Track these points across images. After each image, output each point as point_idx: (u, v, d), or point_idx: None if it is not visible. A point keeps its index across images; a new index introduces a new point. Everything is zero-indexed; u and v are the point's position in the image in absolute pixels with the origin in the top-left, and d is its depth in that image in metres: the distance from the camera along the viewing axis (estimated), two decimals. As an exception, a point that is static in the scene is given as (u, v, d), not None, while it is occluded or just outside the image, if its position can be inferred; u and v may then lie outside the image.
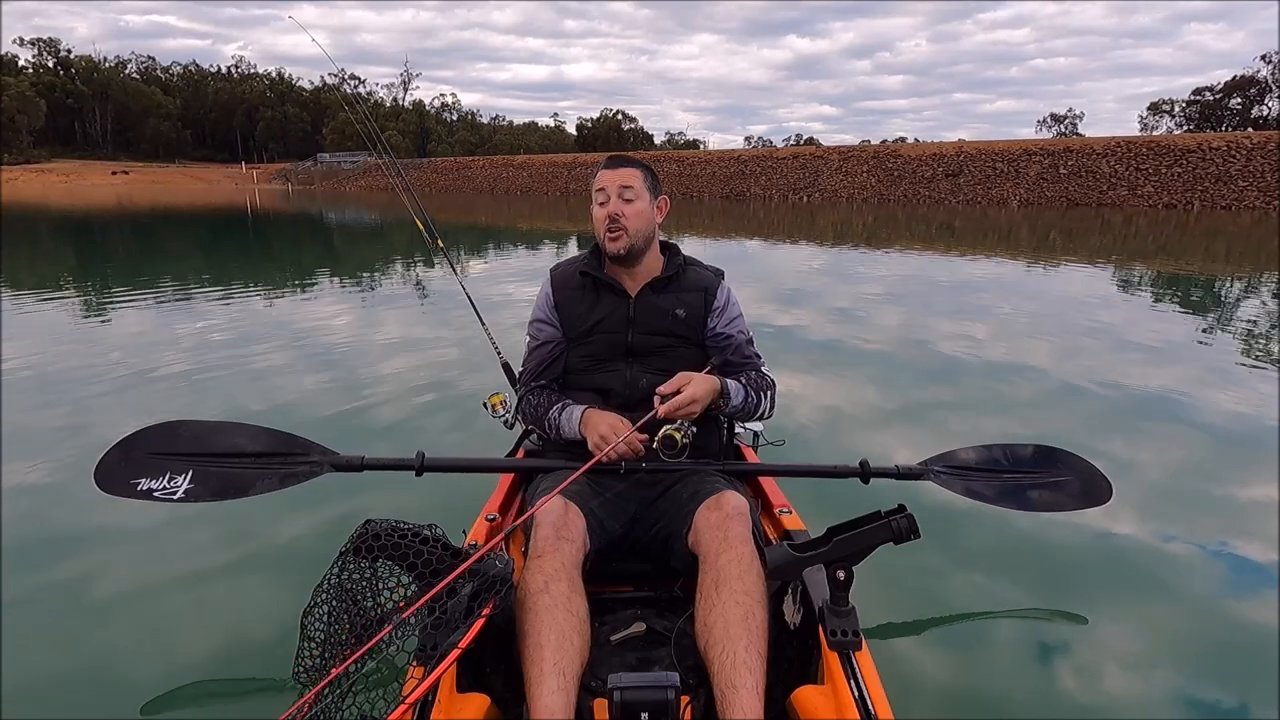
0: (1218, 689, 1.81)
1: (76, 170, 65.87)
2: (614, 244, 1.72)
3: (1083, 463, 1.93)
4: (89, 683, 1.78)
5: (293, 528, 2.46)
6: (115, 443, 1.62)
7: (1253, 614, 2.13)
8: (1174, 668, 1.90)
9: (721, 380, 1.69)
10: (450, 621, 1.23)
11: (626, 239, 1.72)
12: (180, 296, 7.52)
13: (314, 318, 6.42)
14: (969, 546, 2.42)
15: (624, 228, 1.71)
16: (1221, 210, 24.99)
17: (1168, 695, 1.80)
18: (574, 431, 1.70)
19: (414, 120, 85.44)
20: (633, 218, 1.71)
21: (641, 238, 1.74)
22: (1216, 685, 1.82)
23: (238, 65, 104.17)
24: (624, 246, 1.72)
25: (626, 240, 1.72)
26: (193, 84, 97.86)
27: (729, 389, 1.70)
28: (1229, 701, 1.78)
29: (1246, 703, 1.77)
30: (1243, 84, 60.45)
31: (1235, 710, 1.76)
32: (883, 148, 38.85)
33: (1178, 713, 1.74)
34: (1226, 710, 1.76)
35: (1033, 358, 5.10)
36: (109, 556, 2.35)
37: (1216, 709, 1.76)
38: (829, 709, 1.21)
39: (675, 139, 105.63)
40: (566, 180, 43.03)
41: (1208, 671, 1.87)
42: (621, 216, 1.70)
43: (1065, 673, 1.86)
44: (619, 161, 1.77)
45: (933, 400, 4.15)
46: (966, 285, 8.96)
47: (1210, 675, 1.86)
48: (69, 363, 4.72)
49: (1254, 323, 6.62)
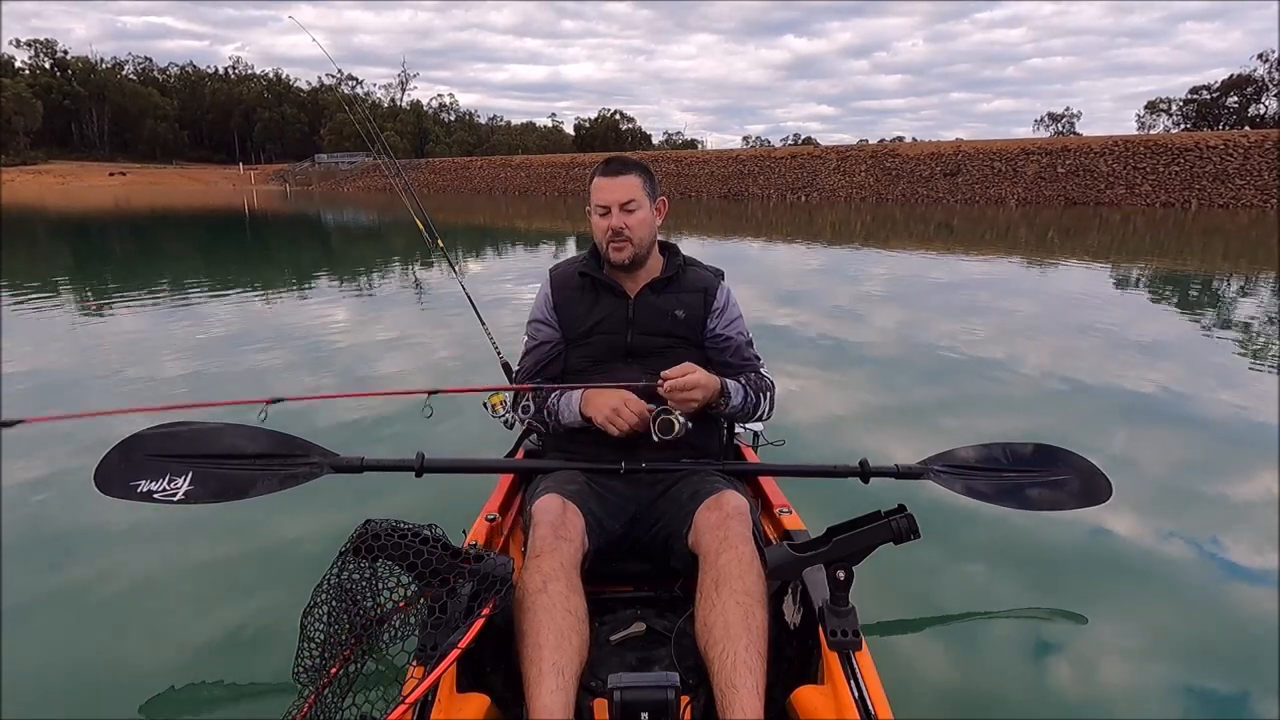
0: (1218, 685, 1.82)
1: (73, 172, 65.74)
2: (618, 254, 1.72)
3: (1083, 461, 1.92)
4: (88, 682, 1.78)
5: (293, 528, 2.47)
6: (115, 444, 1.62)
7: (1253, 609, 2.14)
8: (1174, 666, 1.90)
9: (722, 380, 1.69)
10: (450, 621, 1.24)
11: (631, 249, 1.72)
12: (178, 298, 7.52)
13: (313, 318, 6.42)
14: (969, 546, 2.42)
15: (628, 239, 1.70)
16: (1219, 209, 25.03)
17: (1167, 693, 1.80)
18: (574, 415, 1.69)
19: (411, 121, 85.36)
20: (636, 228, 1.71)
21: (646, 245, 1.75)
22: (1217, 681, 1.83)
23: (235, 66, 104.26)
24: (629, 257, 1.73)
25: (631, 250, 1.72)
26: (190, 85, 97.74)
27: (729, 389, 1.70)
28: (1229, 699, 1.78)
29: (1246, 696, 1.78)
30: (1240, 83, 60.57)
31: (1235, 705, 1.76)
32: (881, 147, 38.90)
33: (1178, 711, 1.74)
34: (1226, 706, 1.76)
35: (1032, 357, 5.11)
36: (109, 557, 2.34)
37: (1215, 706, 1.76)
38: (829, 709, 1.21)
39: (673, 139, 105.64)
40: (565, 181, 43.03)
41: (1207, 669, 1.87)
42: (625, 229, 1.69)
43: (1065, 672, 1.86)
44: (617, 169, 1.74)
45: (932, 399, 4.16)
46: (965, 284, 8.97)
47: (1210, 672, 1.86)
48: (66, 363, 4.72)
49: (1251, 321, 6.63)
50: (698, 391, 1.60)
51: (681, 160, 42.44)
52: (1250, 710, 1.75)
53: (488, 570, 1.28)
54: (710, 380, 1.64)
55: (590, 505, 1.58)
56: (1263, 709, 1.74)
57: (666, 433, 1.61)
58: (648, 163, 1.85)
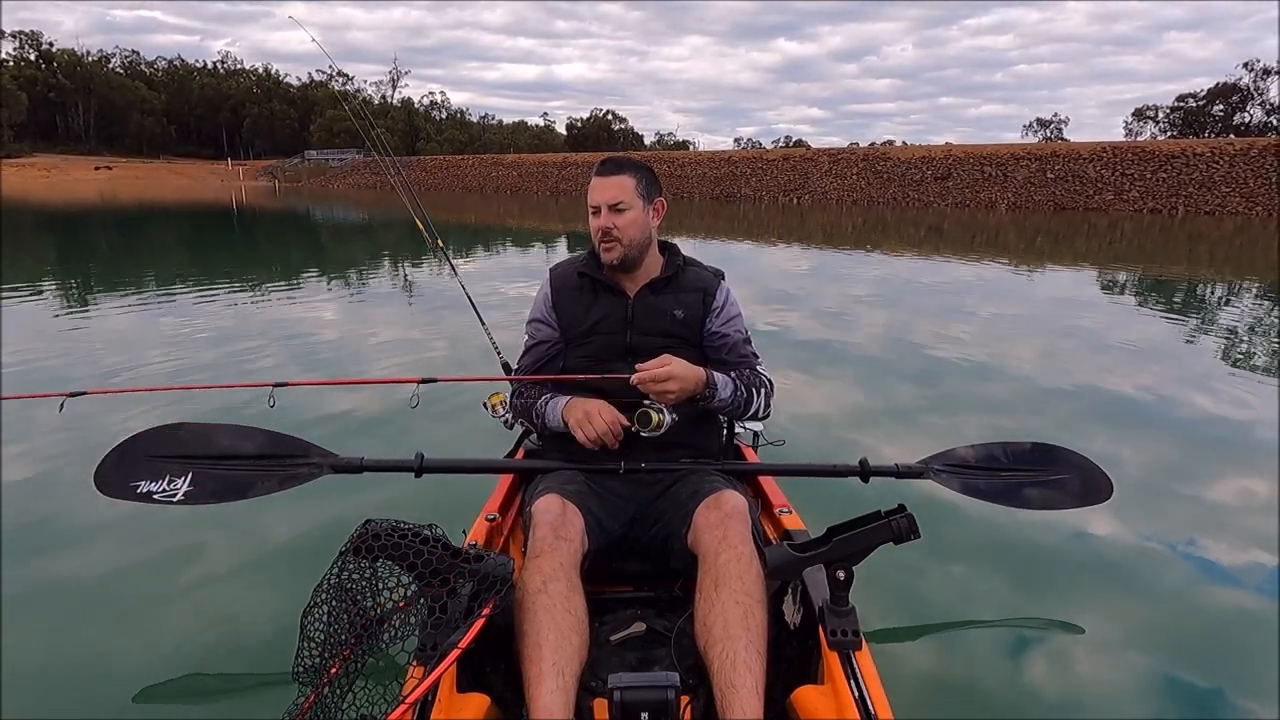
0: (1217, 685, 1.84)
1: (58, 165, 64.86)
2: (608, 254, 1.72)
3: (1083, 460, 1.92)
4: (87, 681, 1.77)
5: (293, 528, 2.45)
6: (115, 445, 1.61)
7: (1254, 609, 2.17)
8: (1174, 666, 1.91)
9: (709, 372, 1.67)
10: (450, 621, 1.24)
11: (620, 249, 1.71)
12: (167, 295, 7.45)
13: (311, 318, 6.37)
14: (969, 546, 2.42)
15: (617, 239, 1.70)
16: (1205, 215, 25.32)
17: (1167, 694, 1.82)
18: (558, 421, 1.69)
19: (402, 118, 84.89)
20: (626, 228, 1.70)
21: (636, 246, 1.73)
22: (1215, 682, 1.85)
23: (224, 61, 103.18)
24: (618, 257, 1.72)
25: (620, 250, 1.71)
26: (178, 79, 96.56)
27: (716, 381, 1.67)
28: (1230, 698, 1.80)
29: (1247, 696, 1.80)
30: (1225, 91, 61.27)
31: (1235, 706, 1.78)
32: (872, 150, 39.06)
33: (1178, 711, 1.76)
34: (1227, 706, 1.78)
35: (1032, 355, 5.16)
36: (109, 557, 2.33)
37: (1216, 705, 1.78)
38: (829, 709, 1.22)
39: (665, 139, 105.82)
40: (557, 180, 42.95)
41: (1208, 670, 1.89)
42: (614, 229, 1.69)
43: (1065, 671, 1.87)
44: (610, 169, 1.73)
45: (932, 399, 4.18)
46: (957, 288, 9.03)
47: (1210, 672, 1.88)
48: (56, 362, 4.66)
49: (1236, 326, 6.71)
50: (672, 384, 1.57)
51: (674, 161, 42.46)
52: (1250, 710, 1.77)
53: (488, 570, 1.28)
54: (690, 373, 1.61)
55: (590, 505, 1.58)
56: (1263, 701, 1.77)
57: (645, 425, 1.61)
58: (647, 163, 1.84)
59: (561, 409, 1.69)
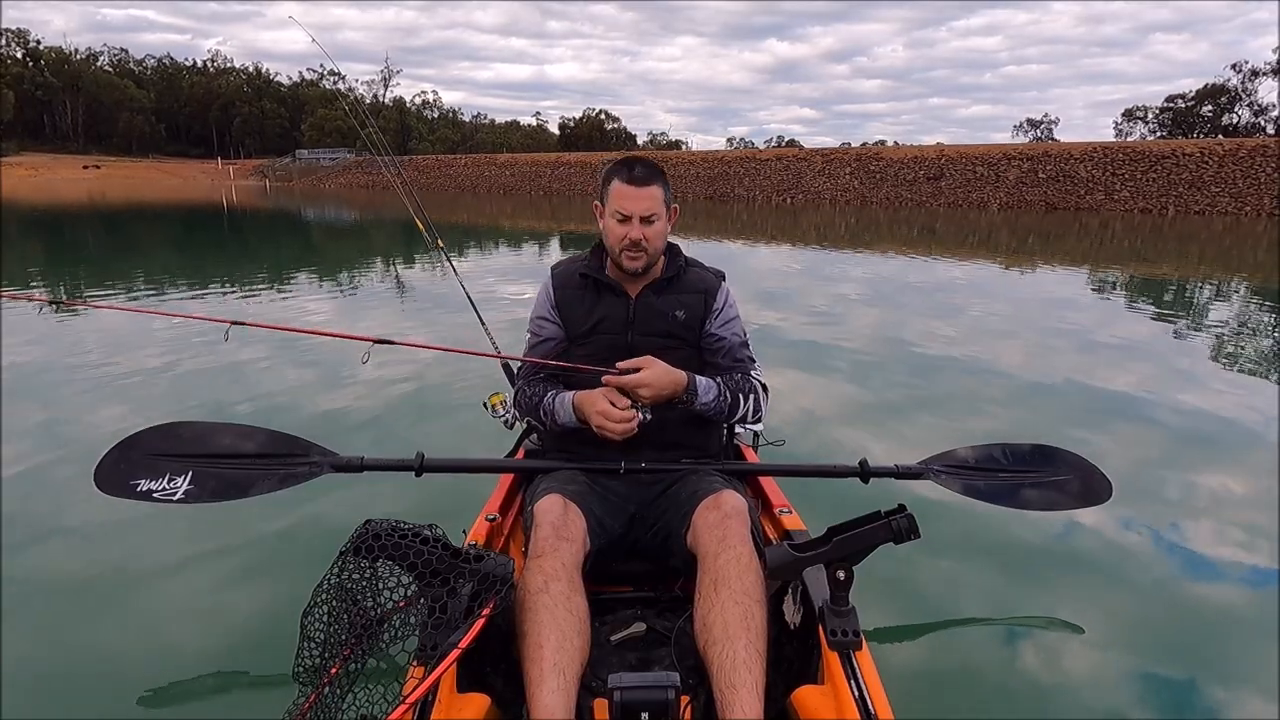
0: (1212, 681, 1.85)
1: (46, 164, 64.28)
2: (633, 263, 1.72)
3: (1082, 461, 1.93)
4: (87, 680, 1.77)
5: (293, 528, 2.45)
6: (115, 444, 1.60)
7: (1248, 604, 2.19)
8: (1173, 667, 1.92)
9: (690, 376, 1.67)
10: (450, 621, 1.24)
11: (646, 259, 1.72)
12: (159, 294, 7.39)
13: (309, 318, 6.34)
14: (969, 546, 2.43)
15: (644, 250, 1.70)
16: (1195, 215, 25.50)
17: (1165, 690, 1.83)
18: (569, 415, 1.69)
19: (394, 117, 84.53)
20: (654, 239, 1.70)
21: (657, 254, 1.75)
22: (1211, 678, 1.86)
23: (214, 59, 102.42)
24: (642, 265, 1.73)
25: (646, 260, 1.72)
26: (167, 77, 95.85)
27: (697, 386, 1.67)
28: (1231, 697, 1.81)
29: (1240, 691, 1.82)
30: (1214, 92, 61.70)
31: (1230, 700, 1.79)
32: (865, 150, 39.15)
33: (1175, 708, 1.77)
34: (1221, 701, 1.79)
35: (1031, 356, 5.19)
36: (109, 557, 2.32)
37: (1211, 701, 1.79)
38: (829, 709, 1.22)
39: (657, 139, 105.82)
40: (549, 180, 42.87)
41: (1207, 670, 1.89)
42: (644, 240, 1.69)
43: (1065, 670, 1.88)
44: (643, 178, 1.68)
45: (931, 400, 4.19)
46: (950, 287, 9.07)
47: (1206, 668, 1.89)
48: (52, 362, 4.62)
49: (1224, 325, 6.77)
50: (647, 390, 1.60)
51: (667, 161, 42.39)
52: (1244, 704, 1.78)
53: (488, 570, 1.28)
54: (667, 378, 1.62)
55: (591, 505, 1.58)
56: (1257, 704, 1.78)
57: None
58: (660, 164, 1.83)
59: (571, 403, 1.69)
